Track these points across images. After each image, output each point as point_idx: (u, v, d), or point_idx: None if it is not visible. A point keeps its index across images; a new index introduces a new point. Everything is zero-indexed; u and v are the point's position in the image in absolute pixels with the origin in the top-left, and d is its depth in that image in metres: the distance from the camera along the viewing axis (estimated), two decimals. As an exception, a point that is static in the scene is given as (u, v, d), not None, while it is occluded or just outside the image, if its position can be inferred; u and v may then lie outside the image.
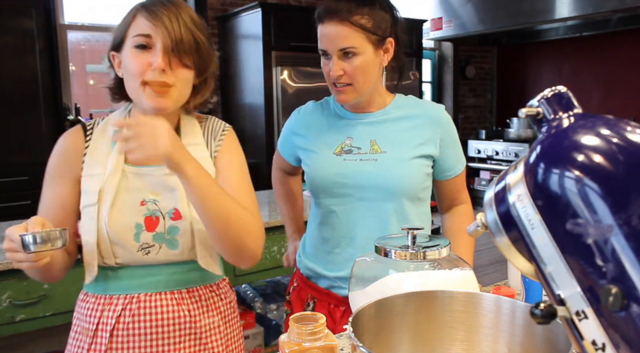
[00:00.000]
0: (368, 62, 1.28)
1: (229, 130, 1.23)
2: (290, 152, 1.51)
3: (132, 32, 1.07)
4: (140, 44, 1.05)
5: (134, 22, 1.07)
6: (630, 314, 0.44)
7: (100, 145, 1.14)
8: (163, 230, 1.11)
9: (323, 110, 1.45)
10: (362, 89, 1.31)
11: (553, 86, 0.57)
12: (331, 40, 1.27)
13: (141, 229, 1.10)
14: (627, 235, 0.44)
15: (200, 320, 1.15)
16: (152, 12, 1.05)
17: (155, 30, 1.04)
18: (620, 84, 5.91)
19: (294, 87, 4.25)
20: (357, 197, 1.34)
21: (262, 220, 1.15)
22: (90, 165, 1.13)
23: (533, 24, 5.54)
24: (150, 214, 1.10)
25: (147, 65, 1.05)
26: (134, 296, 1.11)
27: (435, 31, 6.26)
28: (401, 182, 1.32)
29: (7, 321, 1.81)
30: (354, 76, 1.28)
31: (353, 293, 1.11)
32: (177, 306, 1.13)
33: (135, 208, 1.10)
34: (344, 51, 1.27)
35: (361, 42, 1.26)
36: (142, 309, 1.11)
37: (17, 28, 3.68)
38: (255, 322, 2.62)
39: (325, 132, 1.40)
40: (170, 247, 1.11)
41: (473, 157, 6.63)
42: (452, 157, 1.40)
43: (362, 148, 1.35)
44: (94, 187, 1.10)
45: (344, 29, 1.25)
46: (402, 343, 0.88)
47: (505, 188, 0.54)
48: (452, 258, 1.07)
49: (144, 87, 1.06)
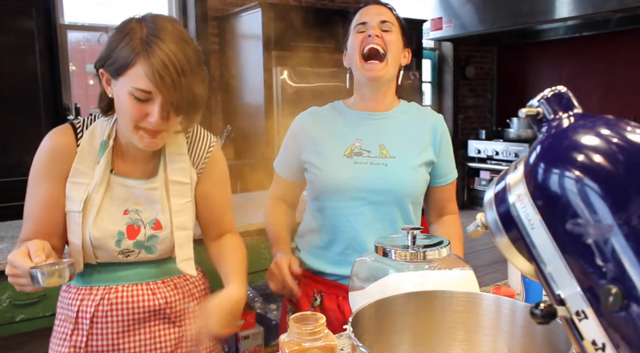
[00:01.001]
0: (398, 44, 1.40)
1: (215, 145, 1.29)
2: (290, 163, 1.47)
3: (132, 80, 1.03)
4: (140, 98, 1.05)
5: (135, 66, 1.02)
6: (630, 314, 0.44)
7: (87, 154, 1.16)
8: (143, 238, 1.17)
9: (331, 111, 1.48)
10: (391, 66, 1.38)
11: (553, 86, 0.57)
12: (374, 14, 1.39)
13: (123, 236, 1.16)
14: (627, 235, 0.44)
15: (176, 306, 1.23)
16: (155, 70, 1.01)
17: (156, 90, 1.03)
18: (620, 84, 5.91)
19: (294, 87, 4.25)
20: (367, 200, 1.36)
21: None
22: (76, 173, 1.15)
23: (533, 24, 5.54)
24: (132, 223, 1.17)
25: (143, 115, 1.06)
26: (112, 287, 1.18)
27: (435, 31, 6.27)
28: (409, 188, 1.38)
29: (7, 321, 1.81)
30: (388, 44, 1.37)
31: (353, 293, 1.11)
32: (152, 295, 1.20)
33: (118, 217, 1.16)
34: (383, 23, 1.38)
35: (396, 27, 1.40)
36: (120, 299, 1.18)
37: (17, 28, 3.68)
38: (255, 322, 2.62)
39: (335, 132, 1.42)
40: (148, 252, 1.19)
41: (473, 157, 6.63)
42: (446, 164, 1.46)
43: (371, 151, 1.38)
44: (80, 195, 1.14)
45: (387, 10, 1.41)
46: (402, 343, 0.88)
47: (505, 189, 0.54)
48: (452, 258, 1.07)
49: (137, 130, 1.09)
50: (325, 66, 4.31)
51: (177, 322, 1.23)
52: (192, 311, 1.25)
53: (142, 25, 1.06)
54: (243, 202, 2.79)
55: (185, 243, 1.21)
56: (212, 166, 1.27)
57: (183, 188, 1.21)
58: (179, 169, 1.21)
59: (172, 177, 1.20)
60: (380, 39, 1.36)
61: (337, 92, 1.59)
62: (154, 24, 1.06)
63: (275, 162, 1.54)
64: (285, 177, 1.50)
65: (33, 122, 3.72)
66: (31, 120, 3.72)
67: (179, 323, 1.24)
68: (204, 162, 1.26)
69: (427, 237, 1.10)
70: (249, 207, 2.66)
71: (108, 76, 1.09)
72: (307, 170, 1.43)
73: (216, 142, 1.29)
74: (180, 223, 1.20)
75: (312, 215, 1.46)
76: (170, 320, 1.23)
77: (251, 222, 2.32)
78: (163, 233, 1.18)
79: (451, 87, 6.80)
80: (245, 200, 2.87)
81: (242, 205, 2.72)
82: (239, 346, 2.55)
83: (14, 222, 2.26)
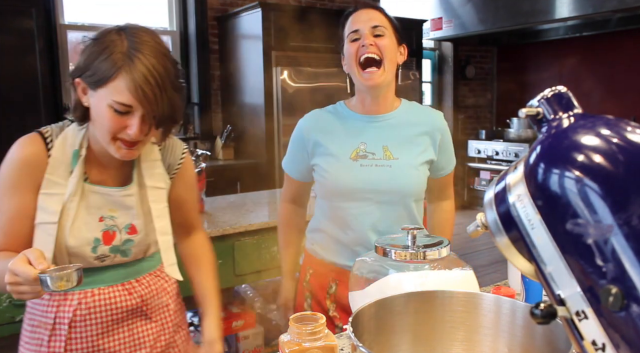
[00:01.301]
0: (393, 46, 1.41)
1: (187, 152, 1.34)
2: (300, 166, 1.53)
3: (113, 93, 1.03)
4: (120, 110, 1.05)
5: (117, 80, 1.03)
6: (630, 314, 0.44)
7: (59, 164, 1.15)
8: (119, 243, 1.20)
9: (334, 114, 1.50)
10: (389, 70, 1.40)
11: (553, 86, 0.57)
12: (365, 20, 1.40)
13: (99, 243, 1.18)
14: (627, 235, 0.44)
15: (151, 302, 1.27)
16: (137, 85, 1.02)
17: (136, 103, 1.04)
18: (620, 84, 5.91)
19: (294, 87, 4.25)
20: (374, 200, 1.42)
21: None
22: (50, 184, 1.14)
23: (533, 24, 5.54)
24: (107, 229, 1.19)
25: (122, 127, 1.07)
26: (88, 291, 1.19)
27: (435, 31, 6.26)
28: (413, 187, 1.44)
29: (7, 321, 1.81)
30: (383, 50, 1.38)
31: (353, 293, 1.11)
32: (129, 295, 1.23)
33: (93, 224, 1.17)
34: (375, 29, 1.39)
35: (389, 28, 1.41)
36: (97, 301, 1.19)
37: (17, 28, 3.68)
38: (255, 322, 2.62)
39: (340, 136, 1.46)
40: (123, 256, 1.22)
41: (473, 157, 6.63)
42: (445, 160, 1.53)
43: (375, 154, 1.43)
44: (54, 206, 1.13)
45: (377, 14, 1.42)
46: (402, 343, 0.88)
47: (505, 189, 0.54)
48: (452, 258, 1.07)
49: (114, 141, 1.10)
50: (325, 66, 4.31)
51: (153, 318, 1.27)
52: (166, 305, 1.30)
53: (123, 37, 1.06)
54: (243, 202, 2.79)
55: (168, 248, 1.24)
56: (184, 171, 1.32)
57: (160, 193, 1.25)
58: (155, 174, 1.24)
59: (150, 183, 1.23)
60: (374, 46, 1.37)
61: (337, 92, 1.60)
62: (135, 36, 1.06)
63: (284, 163, 1.59)
64: (297, 178, 1.57)
65: (33, 122, 3.69)
66: (31, 120, 3.72)
67: (156, 318, 1.28)
68: (177, 169, 1.30)
69: (427, 237, 1.10)
70: (249, 207, 2.66)
71: (85, 86, 1.09)
72: (315, 170, 1.49)
73: (186, 149, 1.34)
74: (162, 228, 1.23)
75: (322, 213, 1.52)
76: (147, 316, 1.26)
77: (251, 222, 2.32)
78: (138, 237, 1.21)
79: (451, 87, 6.80)
80: (245, 200, 2.87)
81: (242, 205, 2.72)
82: (239, 346, 2.55)
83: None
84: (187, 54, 4.78)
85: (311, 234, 1.57)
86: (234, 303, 2.72)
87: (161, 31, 4.78)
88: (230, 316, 2.55)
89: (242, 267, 2.33)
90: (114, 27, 1.09)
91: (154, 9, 4.75)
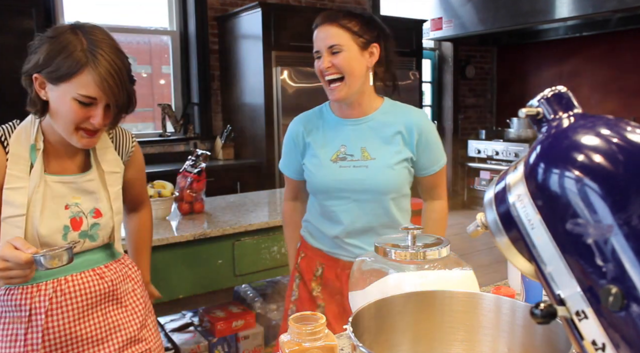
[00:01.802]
0: (352, 59, 1.47)
1: (136, 141, 1.45)
2: (295, 166, 1.66)
3: (77, 87, 1.13)
4: (85, 103, 1.15)
5: (81, 75, 1.12)
6: (630, 314, 0.44)
7: (18, 159, 1.22)
8: (87, 228, 1.28)
9: (319, 117, 1.62)
10: (352, 83, 1.48)
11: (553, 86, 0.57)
12: (322, 39, 1.49)
13: (68, 230, 1.26)
14: (627, 235, 0.44)
15: (120, 287, 1.35)
16: (102, 77, 1.12)
17: (101, 95, 1.14)
18: (620, 84, 5.91)
19: (294, 87, 4.25)
20: (352, 198, 1.54)
21: None
22: (12, 179, 1.21)
23: (533, 24, 5.54)
24: (74, 216, 1.27)
25: (86, 117, 1.17)
26: (61, 279, 1.25)
27: (435, 31, 6.26)
28: (388, 185, 1.53)
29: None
30: (341, 67, 1.47)
31: (353, 293, 1.11)
32: (100, 279, 1.30)
33: (60, 212, 1.25)
34: (331, 48, 1.47)
35: (347, 41, 1.47)
36: (72, 288, 1.26)
37: (17, 28, 3.68)
38: (255, 322, 2.62)
39: (323, 139, 1.58)
40: (91, 240, 1.30)
41: (473, 157, 6.63)
42: (427, 159, 1.58)
43: (354, 155, 1.54)
44: (20, 200, 1.21)
45: (333, 29, 1.47)
46: (402, 343, 0.88)
47: (505, 189, 0.54)
48: (452, 258, 1.07)
49: (77, 131, 1.19)
50: (325, 66, 4.30)
51: (123, 302, 1.35)
52: (133, 290, 1.39)
53: (80, 36, 1.14)
54: (243, 202, 2.79)
55: (120, 226, 1.38)
56: (135, 156, 1.44)
57: (116, 177, 1.36)
58: (110, 160, 1.35)
59: (107, 168, 1.34)
60: (332, 67, 1.47)
61: (337, 92, 1.61)
62: (92, 35, 1.15)
63: (280, 165, 1.73)
64: (294, 177, 1.69)
65: (33, 122, 3.72)
66: (31, 120, 3.72)
67: (125, 303, 1.36)
68: (130, 154, 1.42)
69: (427, 237, 1.10)
70: (249, 207, 2.66)
71: (43, 81, 1.17)
72: (304, 171, 1.63)
73: (135, 138, 1.46)
74: (117, 208, 1.35)
75: (312, 206, 1.66)
76: (118, 300, 1.34)
77: (251, 222, 2.32)
78: (103, 220, 1.31)
79: (451, 87, 6.80)
80: (244, 200, 2.87)
81: (242, 205, 2.72)
82: (239, 346, 2.55)
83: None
84: (187, 54, 4.78)
85: (305, 223, 1.71)
86: (234, 303, 2.72)
87: (161, 31, 4.78)
88: (230, 316, 2.55)
89: (242, 267, 2.33)
90: (67, 26, 1.17)
91: (154, 9, 4.75)
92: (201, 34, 4.67)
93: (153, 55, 4.88)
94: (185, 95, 4.83)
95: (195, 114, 4.79)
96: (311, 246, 1.65)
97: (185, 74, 4.82)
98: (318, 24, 1.51)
